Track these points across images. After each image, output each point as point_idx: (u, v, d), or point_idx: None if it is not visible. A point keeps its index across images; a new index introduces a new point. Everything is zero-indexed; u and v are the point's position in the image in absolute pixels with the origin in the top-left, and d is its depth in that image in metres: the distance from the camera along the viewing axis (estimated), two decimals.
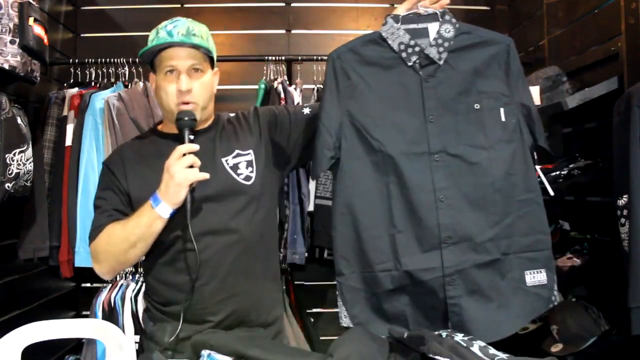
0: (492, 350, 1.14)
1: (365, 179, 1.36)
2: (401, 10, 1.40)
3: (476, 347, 1.14)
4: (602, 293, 1.87)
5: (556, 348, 1.73)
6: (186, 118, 1.33)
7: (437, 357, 1.08)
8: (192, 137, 1.34)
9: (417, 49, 1.36)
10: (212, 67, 1.45)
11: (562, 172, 1.84)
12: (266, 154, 1.46)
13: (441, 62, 1.36)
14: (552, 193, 1.43)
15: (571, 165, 1.87)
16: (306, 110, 1.52)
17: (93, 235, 1.37)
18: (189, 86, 1.36)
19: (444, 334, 1.24)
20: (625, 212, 1.38)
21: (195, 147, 1.31)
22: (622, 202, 1.39)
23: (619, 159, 1.42)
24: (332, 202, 1.40)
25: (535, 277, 1.35)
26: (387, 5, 2.88)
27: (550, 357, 1.24)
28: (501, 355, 1.12)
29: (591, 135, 2.08)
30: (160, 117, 1.56)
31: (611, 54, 1.77)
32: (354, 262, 1.36)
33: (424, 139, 1.34)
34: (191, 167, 1.28)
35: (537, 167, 1.41)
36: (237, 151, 1.43)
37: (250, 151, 1.44)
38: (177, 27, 1.36)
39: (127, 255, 1.33)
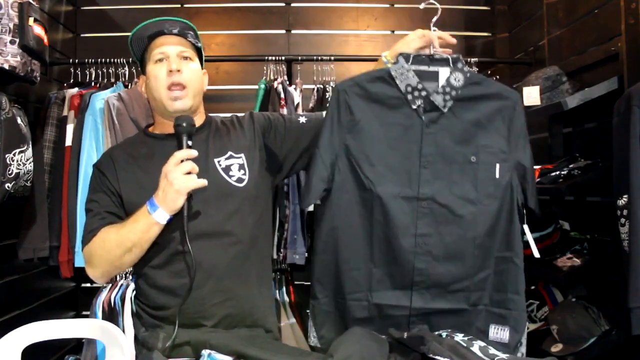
0: (492, 350, 1.14)
1: (352, 213, 1.40)
2: (409, 49, 1.40)
3: (476, 347, 1.15)
4: (602, 293, 1.87)
5: (556, 348, 1.73)
6: (184, 124, 1.33)
7: (437, 357, 1.08)
8: (190, 142, 1.33)
9: (423, 93, 1.37)
10: (201, 65, 1.47)
11: (562, 172, 1.84)
12: (260, 158, 1.46)
13: (445, 110, 1.37)
14: (537, 255, 1.47)
15: (571, 165, 1.87)
16: (302, 120, 1.52)
17: (86, 239, 1.35)
18: (179, 67, 1.38)
19: (444, 334, 1.25)
20: (625, 212, 1.38)
21: (194, 153, 1.30)
22: (622, 202, 1.39)
23: (619, 159, 1.42)
24: (316, 227, 1.44)
25: (498, 333, 1.38)
26: (387, 5, 2.87)
27: (550, 357, 1.24)
28: (501, 355, 1.12)
29: (591, 135, 2.08)
30: None
31: (611, 54, 1.77)
32: (328, 287, 1.42)
33: (415, 184, 1.37)
34: (189, 173, 1.27)
35: (525, 227, 1.43)
36: (230, 153, 1.43)
37: (242, 154, 1.43)
38: (163, 19, 1.42)
39: (122, 260, 1.31)
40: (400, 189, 1.37)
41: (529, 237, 1.43)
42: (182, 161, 1.28)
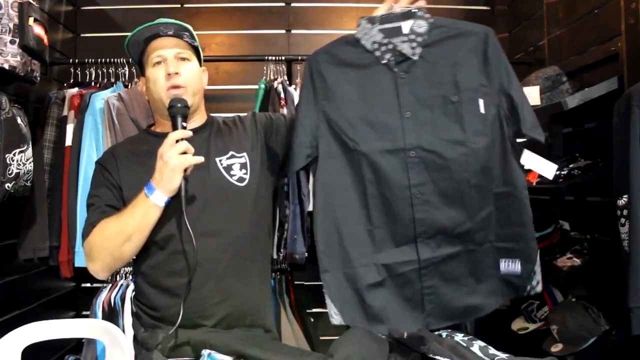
0: (492, 350, 1.14)
1: (343, 177, 1.38)
2: (379, 13, 1.40)
3: (476, 347, 1.15)
4: (602, 293, 1.87)
5: (556, 348, 1.73)
6: (178, 105, 1.34)
7: (437, 357, 1.08)
8: (184, 124, 1.33)
9: (390, 46, 1.37)
10: (200, 63, 1.48)
11: (562, 172, 1.84)
12: (261, 158, 1.46)
13: (415, 58, 1.36)
14: (550, 176, 1.41)
15: (571, 165, 1.87)
16: None
17: (86, 233, 1.34)
18: (177, 69, 1.38)
19: (444, 334, 1.25)
20: (625, 212, 1.38)
21: (189, 133, 1.31)
22: (622, 202, 1.39)
23: (619, 159, 1.42)
24: (314, 200, 1.42)
25: (510, 266, 1.37)
26: None
27: (550, 357, 1.24)
28: (501, 355, 1.12)
29: (591, 135, 2.08)
30: None
31: (611, 54, 1.77)
32: (336, 258, 1.39)
33: (399, 136, 1.35)
34: (184, 153, 1.27)
35: (525, 154, 1.38)
36: (231, 152, 1.43)
37: (245, 154, 1.44)
38: (159, 20, 1.41)
39: (122, 250, 1.29)
40: (386, 144, 1.35)
41: (533, 162, 1.37)
42: (177, 142, 1.28)
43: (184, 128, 1.33)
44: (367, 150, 1.35)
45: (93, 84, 2.41)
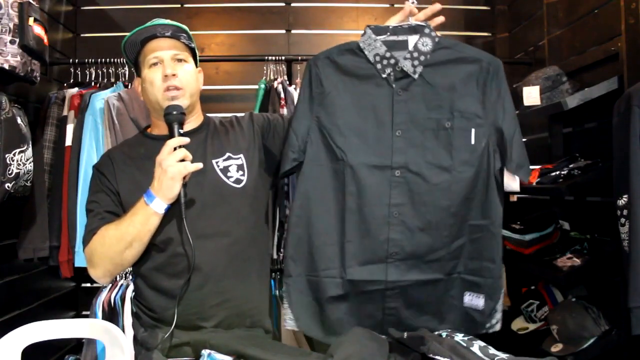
0: (492, 350, 1.14)
1: (324, 186, 1.38)
2: (392, 22, 1.40)
3: (476, 347, 1.15)
4: (602, 293, 1.88)
5: (556, 348, 1.73)
6: (174, 112, 1.33)
7: (437, 357, 1.08)
8: (181, 131, 1.33)
9: (392, 61, 1.35)
10: (196, 64, 1.47)
11: (562, 172, 1.84)
12: (259, 159, 1.46)
13: (416, 76, 1.35)
14: (516, 189, 1.37)
15: (571, 165, 1.87)
16: None
17: (87, 239, 1.35)
18: (174, 70, 1.37)
19: (444, 334, 1.25)
20: (625, 212, 1.38)
21: (186, 140, 1.31)
22: (622, 202, 1.39)
23: (619, 159, 1.42)
24: (291, 204, 1.42)
25: (473, 301, 1.37)
26: (387, 5, 2.87)
27: (550, 357, 1.24)
28: (501, 355, 1.12)
29: (591, 135, 2.08)
30: None
31: (611, 54, 1.77)
32: (300, 264, 1.38)
33: (387, 153, 1.34)
34: (182, 160, 1.28)
35: (506, 180, 1.36)
36: (228, 154, 1.42)
37: (241, 155, 1.43)
38: (156, 21, 1.40)
39: (123, 256, 1.31)
40: (373, 158, 1.34)
41: (509, 186, 1.35)
42: (175, 149, 1.28)
43: (181, 135, 1.32)
44: (354, 162, 1.34)
45: (93, 84, 2.41)
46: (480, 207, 1.35)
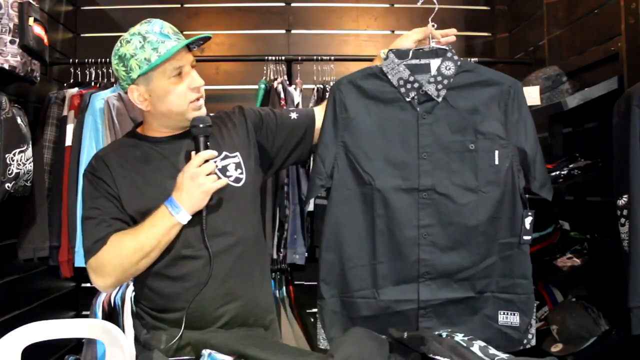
0: (492, 350, 1.14)
1: (353, 210, 1.41)
2: (408, 42, 1.42)
3: (476, 347, 1.14)
4: (602, 293, 1.87)
5: (556, 348, 1.73)
6: (201, 125, 1.31)
7: (437, 357, 1.08)
8: (208, 143, 1.33)
9: (415, 85, 1.38)
10: None
11: (562, 172, 1.84)
12: (254, 155, 1.45)
13: (439, 100, 1.38)
14: (527, 239, 1.42)
15: (571, 165, 1.87)
16: (293, 115, 1.50)
17: (94, 249, 1.29)
18: (201, 81, 1.35)
19: (444, 334, 1.24)
20: (625, 212, 1.38)
21: (215, 153, 1.32)
22: (622, 202, 1.39)
23: (619, 159, 1.42)
24: (322, 229, 1.45)
25: (508, 318, 1.39)
26: (387, 5, 2.88)
27: (550, 357, 1.24)
28: (501, 355, 1.12)
29: (591, 135, 2.08)
30: None
31: (611, 54, 1.77)
32: (334, 286, 1.42)
33: (414, 175, 1.38)
34: (209, 174, 1.28)
35: (526, 213, 1.40)
36: (224, 153, 1.40)
37: (237, 153, 1.41)
38: (164, 28, 1.33)
39: (138, 266, 1.29)
40: (400, 182, 1.38)
41: (527, 222, 1.40)
42: (205, 161, 1.28)
43: (207, 147, 1.32)
44: (381, 186, 1.38)
45: (93, 84, 2.42)
46: (509, 225, 1.39)
